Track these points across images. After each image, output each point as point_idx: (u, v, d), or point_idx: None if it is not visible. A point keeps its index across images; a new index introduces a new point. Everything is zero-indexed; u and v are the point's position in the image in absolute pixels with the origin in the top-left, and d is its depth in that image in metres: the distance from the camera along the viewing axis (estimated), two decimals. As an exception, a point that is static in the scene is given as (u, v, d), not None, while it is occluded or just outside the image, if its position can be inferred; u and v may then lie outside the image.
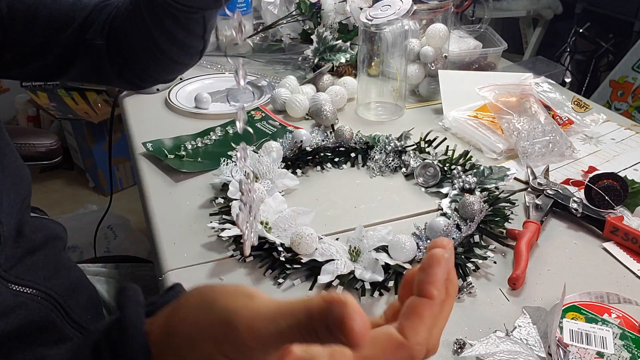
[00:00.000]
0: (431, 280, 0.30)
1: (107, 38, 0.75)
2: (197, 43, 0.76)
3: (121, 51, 0.76)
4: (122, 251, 1.75)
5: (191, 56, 0.79)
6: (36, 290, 0.59)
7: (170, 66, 0.79)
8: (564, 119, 0.98)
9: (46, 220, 0.71)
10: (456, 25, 1.19)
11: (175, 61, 0.78)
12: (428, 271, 0.30)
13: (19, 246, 0.60)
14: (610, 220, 0.71)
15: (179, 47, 0.75)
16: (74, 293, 0.65)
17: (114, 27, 0.75)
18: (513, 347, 0.53)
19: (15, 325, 0.54)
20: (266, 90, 1.12)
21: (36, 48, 0.73)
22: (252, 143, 0.88)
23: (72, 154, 2.39)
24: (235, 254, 0.68)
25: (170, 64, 0.78)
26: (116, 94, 1.14)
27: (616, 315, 0.59)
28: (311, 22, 1.24)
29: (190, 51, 0.77)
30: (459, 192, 0.77)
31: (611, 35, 2.55)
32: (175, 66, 0.80)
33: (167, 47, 0.74)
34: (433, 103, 1.08)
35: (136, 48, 0.75)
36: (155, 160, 0.89)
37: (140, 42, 0.74)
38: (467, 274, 0.64)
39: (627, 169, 0.87)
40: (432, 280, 0.30)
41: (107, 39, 0.75)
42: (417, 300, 0.30)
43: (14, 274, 0.57)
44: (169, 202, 0.79)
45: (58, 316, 0.61)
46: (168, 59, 0.77)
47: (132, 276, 0.92)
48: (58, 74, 0.77)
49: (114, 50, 0.76)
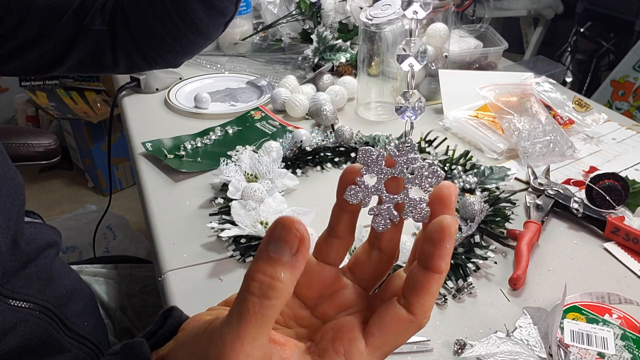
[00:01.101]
0: (442, 255, 0.28)
1: (110, 22, 0.74)
2: (230, 8, 0.73)
3: (132, 33, 0.74)
4: (121, 251, 1.75)
5: (218, 27, 0.75)
6: (32, 304, 0.57)
7: (190, 40, 0.75)
8: (565, 118, 0.98)
9: (40, 225, 0.69)
10: (457, 24, 1.19)
11: (200, 32, 0.74)
12: (439, 245, 0.28)
13: (15, 259, 0.58)
14: (611, 220, 0.70)
15: (210, 14, 0.72)
16: (70, 301, 0.64)
17: (123, 8, 0.73)
18: (514, 347, 0.52)
19: (16, 344, 0.53)
20: (266, 90, 1.12)
21: (31, 39, 0.72)
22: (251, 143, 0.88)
23: (71, 154, 2.39)
24: (235, 254, 0.68)
25: (192, 37, 0.75)
26: (115, 94, 1.13)
27: (617, 316, 0.58)
28: (311, 21, 1.24)
29: (220, 20, 0.74)
30: (459, 192, 0.77)
31: (612, 35, 2.55)
32: (196, 40, 0.76)
33: (197, 14, 0.71)
34: (433, 103, 1.08)
35: (154, 26, 0.73)
36: (154, 160, 0.89)
37: (160, 17, 0.72)
38: (467, 274, 0.64)
39: (628, 169, 0.87)
40: (443, 254, 0.28)
41: (110, 24, 0.74)
42: (426, 275, 0.28)
43: (10, 288, 0.56)
44: (169, 202, 0.79)
45: (55, 328, 0.59)
46: (192, 32, 0.73)
47: (132, 277, 0.91)
48: (54, 65, 0.76)
49: (123, 34, 0.74)
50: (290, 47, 1.25)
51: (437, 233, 0.28)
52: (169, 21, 0.72)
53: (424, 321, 0.29)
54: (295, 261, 0.26)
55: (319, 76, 1.10)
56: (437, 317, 0.60)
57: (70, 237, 1.75)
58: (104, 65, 0.78)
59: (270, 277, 0.26)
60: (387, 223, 0.31)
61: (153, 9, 0.72)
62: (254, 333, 0.26)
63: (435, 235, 0.28)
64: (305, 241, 0.26)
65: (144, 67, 0.81)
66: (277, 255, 0.26)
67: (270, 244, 0.26)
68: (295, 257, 0.26)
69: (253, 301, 0.25)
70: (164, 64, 0.81)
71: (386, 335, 0.29)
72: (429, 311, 0.29)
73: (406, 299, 0.29)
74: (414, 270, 0.29)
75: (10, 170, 0.59)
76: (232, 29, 1.29)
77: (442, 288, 0.63)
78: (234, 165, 0.79)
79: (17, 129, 1.35)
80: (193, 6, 0.70)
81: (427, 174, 0.30)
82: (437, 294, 0.29)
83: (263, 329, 0.26)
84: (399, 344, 0.30)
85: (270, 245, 0.26)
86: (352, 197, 0.30)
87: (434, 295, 0.29)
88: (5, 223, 0.55)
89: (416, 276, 0.29)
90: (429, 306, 0.29)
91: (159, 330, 0.34)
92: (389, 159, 0.31)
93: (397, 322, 0.29)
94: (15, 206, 0.58)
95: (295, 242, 0.26)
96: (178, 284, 0.64)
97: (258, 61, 1.24)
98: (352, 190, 0.30)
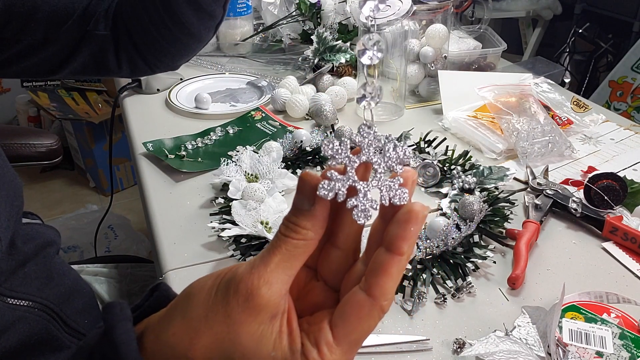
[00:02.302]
0: (405, 237, 0.29)
1: (112, 27, 0.75)
2: (218, 11, 0.75)
3: (132, 38, 0.75)
4: (122, 251, 1.76)
5: (208, 30, 0.77)
6: (32, 302, 0.58)
7: (184, 43, 0.77)
8: (564, 119, 0.98)
9: (37, 226, 0.69)
10: (456, 25, 1.20)
11: (192, 35, 0.76)
12: (404, 226, 0.29)
13: (12, 258, 0.58)
14: (610, 220, 0.71)
15: (199, 17, 0.73)
16: (70, 299, 0.65)
17: (122, 13, 0.74)
18: (512, 346, 0.53)
19: (15, 341, 0.54)
20: (266, 91, 1.12)
21: (35, 43, 0.72)
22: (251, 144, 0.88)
23: (72, 154, 2.40)
24: (236, 253, 0.68)
25: (185, 40, 0.77)
26: (117, 94, 1.14)
27: (615, 315, 0.59)
28: (311, 22, 1.24)
29: (209, 23, 0.76)
30: (458, 192, 0.77)
31: (610, 36, 2.55)
32: (189, 42, 0.78)
33: (187, 18, 0.73)
34: (433, 103, 1.08)
35: (149, 30, 0.74)
36: (155, 160, 0.90)
37: (154, 22, 0.73)
38: (466, 273, 0.64)
39: (626, 169, 0.87)
40: (407, 236, 0.29)
41: (112, 28, 0.75)
42: (386, 257, 0.29)
43: (8, 287, 0.56)
44: (169, 202, 0.79)
45: (55, 326, 0.60)
46: (184, 35, 0.75)
47: (132, 276, 0.92)
48: (58, 68, 0.77)
49: (124, 38, 0.75)
50: (290, 47, 1.26)
51: (404, 215, 0.29)
52: (162, 25, 0.74)
53: (384, 304, 0.29)
54: (314, 210, 0.30)
55: (319, 77, 1.10)
56: (436, 317, 0.60)
57: (72, 237, 1.75)
58: (107, 69, 0.79)
59: (295, 223, 0.30)
60: (368, 213, 0.30)
61: (147, 14, 0.74)
62: (277, 263, 0.30)
63: (401, 217, 0.29)
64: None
65: (145, 70, 0.82)
66: (299, 206, 0.31)
67: (295, 196, 0.31)
68: (314, 207, 0.30)
69: (282, 238, 0.30)
70: (163, 67, 0.83)
71: (349, 323, 0.30)
72: (389, 294, 0.29)
73: (366, 282, 0.30)
74: (377, 254, 0.30)
75: (9, 172, 0.60)
76: (232, 30, 1.29)
77: (442, 287, 0.63)
78: (234, 165, 0.79)
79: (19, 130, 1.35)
80: (182, 10, 0.72)
81: (395, 155, 0.30)
82: (397, 278, 0.29)
83: (287, 264, 0.30)
84: (365, 330, 0.30)
85: (295, 196, 0.31)
86: (326, 192, 0.29)
87: (394, 278, 0.29)
88: (6, 223, 0.56)
89: (377, 258, 0.30)
90: (388, 288, 0.29)
91: (145, 303, 0.36)
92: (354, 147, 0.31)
93: (358, 308, 0.30)
94: (14, 207, 0.59)
95: (311, 195, 0.30)
96: (179, 284, 0.65)
97: (258, 62, 1.25)
98: (324, 184, 0.29)
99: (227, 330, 0.30)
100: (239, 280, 0.30)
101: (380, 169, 0.30)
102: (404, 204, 0.30)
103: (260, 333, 0.30)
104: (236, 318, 0.29)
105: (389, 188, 0.30)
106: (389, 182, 0.30)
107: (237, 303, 0.29)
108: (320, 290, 0.34)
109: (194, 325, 0.31)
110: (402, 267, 0.29)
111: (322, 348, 0.30)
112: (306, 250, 0.30)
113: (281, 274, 0.30)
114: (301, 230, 0.30)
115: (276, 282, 0.29)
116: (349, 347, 0.30)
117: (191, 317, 0.31)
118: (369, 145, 0.30)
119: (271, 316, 0.30)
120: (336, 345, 0.30)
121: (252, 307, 0.29)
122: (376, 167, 0.30)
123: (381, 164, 0.30)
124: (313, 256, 0.34)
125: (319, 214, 0.30)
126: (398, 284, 0.30)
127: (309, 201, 0.30)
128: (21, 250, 0.60)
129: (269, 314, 0.30)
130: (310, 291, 0.34)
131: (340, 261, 0.33)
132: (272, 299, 0.29)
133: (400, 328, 0.58)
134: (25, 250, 0.61)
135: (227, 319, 0.30)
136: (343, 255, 0.33)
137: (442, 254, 0.66)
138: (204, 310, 0.30)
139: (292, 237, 0.30)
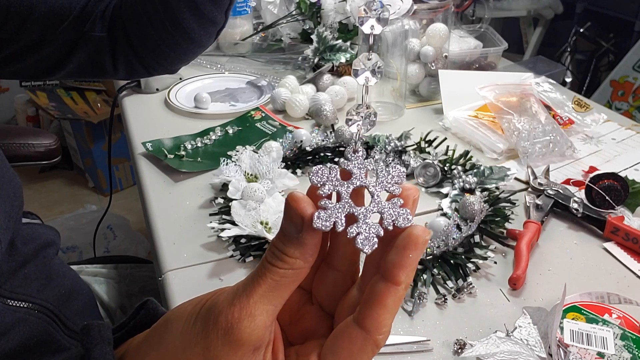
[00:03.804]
0: (403, 265, 0.26)
1: (109, 29, 0.74)
2: (220, 18, 0.75)
3: (130, 40, 0.75)
4: (121, 251, 1.75)
5: (209, 36, 0.77)
6: (31, 304, 0.57)
7: (184, 48, 0.77)
8: (565, 118, 0.98)
9: (37, 226, 0.68)
10: (456, 24, 1.19)
11: (192, 40, 0.75)
12: (402, 253, 0.26)
13: (12, 259, 0.58)
14: (611, 220, 0.70)
15: (201, 23, 0.73)
16: (69, 300, 0.64)
17: (121, 15, 0.74)
18: (513, 347, 0.52)
19: (15, 343, 0.53)
20: (266, 90, 1.12)
21: (31, 44, 0.72)
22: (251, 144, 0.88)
23: (71, 154, 2.39)
24: (235, 254, 0.68)
25: (185, 45, 0.76)
26: (116, 94, 1.14)
27: (617, 316, 0.58)
28: (311, 21, 1.24)
29: (210, 29, 0.76)
30: (459, 192, 0.77)
31: (612, 35, 2.55)
32: (189, 47, 0.78)
33: (189, 24, 0.72)
34: (433, 103, 1.08)
35: (149, 34, 0.74)
36: (154, 160, 0.89)
37: (154, 25, 0.73)
38: (467, 274, 0.64)
39: (628, 169, 0.87)
40: (404, 264, 0.26)
41: (109, 30, 0.74)
42: (382, 286, 0.27)
43: (8, 288, 0.56)
44: (169, 202, 0.79)
45: (54, 327, 0.59)
46: (185, 40, 0.75)
47: (131, 277, 0.91)
48: (54, 69, 0.76)
49: (122, 40, 0.75)
50: (290, 47, 1.25)
51: (402, 240, 0.27)
52: (163, 30, 0.74)
53: (379, 338, 0.27)
54: (302, 238, 0.27)
55: (319, 76, 1.10)
56: (437, 317, 0.60)
57: (71, 237, 1.75)
58: (103, 71, 0.78)
59: (282, 251, 0.27)
60: (373, 240, 0.27)
61: (148, 18, 0.73)
62: (262, 295, 0.27)
63: (399, 243, 0.27)
64: (307, 217, 0.27)
65: (142, 73, 0.82)
66: (287, 232, 0.28)
67: (283, 220, 0.28)
68: (302, 235, 0.27)
69: (267, 267, 0.27)
70: (160, 70, 0.82)
71: (339, 358, 0.28)
72: (384, 327, 0.27)
73: (359, 313, 0.27)
74: (372, 282, 0.27)
75: (8, 172, 0.60)
76: (232, 29, 1.29)
77: (442, 288, 0.63)
78: (234, 165, 0.79)
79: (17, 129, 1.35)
80: (184, 16, 0.72)
81: (388, 176, 0.28)
82: (394, 310, 0.27)
83: (273, 294, 0.27)
84: None
85: (283, 221, 0.28)
86: (323, 223, 0.27)
87: (390, 310, 0.27)
88: (6, 224, 0.55)
89: (373, 288, 0.27)
90: (383, 321, 0.27)
91: (131, 321, 0.34)
92: (344, 172, 0.28)
93: (349, 342, 0.27)
94: (14, 207, 0.58)
95: (298, 221, 0.27)
96: (178, 284, 0.64)
97: (258, 61, 1.25)
98: (320, 215, 0.27)
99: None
100: (218, 312, 0.27)
101: (377, 192, 0.28)
102: (408, 225, 0.27)
103: None
104: (216, 353, 0.27)
105: (390, 210, 0.28)
106: (389, 204, 0.28)
107: (217, 336, 0.27)
108: (314, 315, 0.32)
109: (171, 357, 0.29)
110: (399, 297, 0.27)
111: None
112: (295, 279, 0.28)
113: (266, 305, 0.27)
114: (289, 259, 0.27)
115: (260, 314, 0.27)
116: None
117: (167, 349, 0.29)
118: (359, 169, 0.28)
119: (254, 349, 0.28)
120: None
121: (233, 341, 0.27)
122: (372, 191, 0.28)
123: (377, 187, 0.28)
124: (308, 278, 0.31)
125: (309, 242, 0.27)
126: (394, 316, 0.27)
127: (296, 228, 0.27)
128: (21, 251, 0.60)
129: (251, 347, 0.27)
130: (303, 316, 0.32)
131: (337, 283, 0.31)
132: (254, 333, 0.27)
133: (401, 329, 0.58)
134: (25, 251, 0.60)
135: (206, 353, 0.27)
136: (340, 277, 0.31)
137: (442, 254, 0.66)
138: (181, 342, 0.28)
139: (278, 266, 0.27)
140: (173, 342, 0.29)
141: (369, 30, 0.29)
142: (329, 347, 0.28)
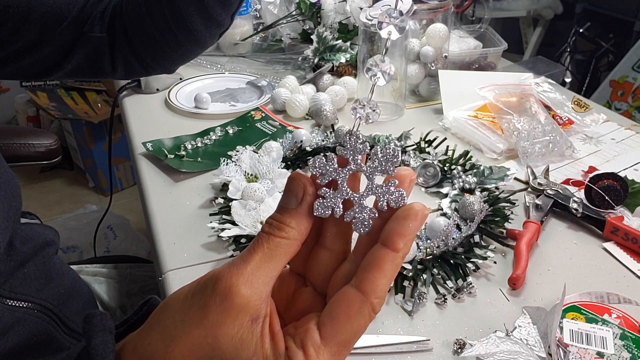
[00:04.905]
0: (403, 233, 0.28)
1: (108, 29, 0.74)
2: (227, 20, 0.75)
3: (130, 40, 0.75)
4: (121, 251, 1.75)
5: (213, 37, 0.77)
6: (31, 303, 0.58)
7: (187, 48, 0.77)
8: (564, 119, 0.98)
9: (36, 226, 0.68)
10: (456, 25, 1.19)
11: (197, 40, 0.75)
12: (402, 222, 0.28)
13: (11, 259, 0.58)
14: (611, 220, 0.71)
15: (207, 24, 0.73)
16: (69, 300, 0.64)
17: (121, 16, 0.74)
18: (513, 347, 0.53)
19: (15, 343, 0.53)
20: (266, 90, 1.12)
21: (30, 44, 0.72)
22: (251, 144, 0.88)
23: (71, 154, 2.39)
24: (235, 254, 0.68)
25: (188, 46, 0.76)
26: (116, 94, 1.14)
27: (616, 316, 0.59)
28: (311, 22, 1.24)
29: (216, 31, 0.76)
30: (459, 192, 0.77)
31: (611, 35, 2.55)
32: (192, 48, 0.78)
33: (195, 25, 0.72)
34: (433, 103, 1.08)
35: (151, 34, 0.74)
36: (155, 160, 0.89)
37: (158, 26, 0.73)
38: (467, 274, 0.64)
39: (627, 169, 0.87)
40: (404, 232, 0.28)
41: (108, 31, 0.74)
42: (381, 252, 0.28)
43: (7, 288, 0.56)
44: (169, 202, 0.79)
45: (54, 327, 0.60)
46: (189, 40, 0.75)
47: (132, 277, 0.92)
48: (53, 69, 0.76)
49: (121, 40, 0.75)
50: (290, 47, 1.25)
51: (403, 211, 0.29)
52: (168, 31, 0.74)
53: (375, 302, 0.28)
54: (300, 208, 0.30)
55: (319, 76, 1.10)
56: (437, 317, 0.60)
57: (71, 237, 1.75)
58: (102, 71, 0.78)
59: (279, 220, 0.30)
60: (368, 223, 0.30)
61: (152, 19, 0.73)
62: (259, 262, 0.29)
63: (400, 214, 0.29)
64: (308, 191, 0.30)
65: (141, 73, 0.82)
66: (285, 204, 0.30)
67: (283, 195, 0.30)
68: (300, 205, 0.30)
69: (264, 236, 0.29)
70: (160, 70, 0.83)
71: (338, 321, 0.28)
72: (381, 291, 0.28)
73: (357, 277, 0.29)
74: (372, 249, 0.29)
75: (6, 172, 0.60)
76: (232, 30, 1.29)
77: (442, 287, 0.63)
78: (234, 165, 0.79)
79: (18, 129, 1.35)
80: (192, 18, 0.72)
81: (382, 157, 0.29)
82: (391, 276, 0.28)
83: (268, 264, 0.29)
84: (355, 330, 0.29)
85: (283, 196, 0.30)
86: (322, 211, 0.30)
87: (387, 275, 0.28)
88: (4, 224, 0.55)
89: (372, 254, 0.29)
90: (380, 285, 0.28)
91: (134, 317, 0.35)
92: (341, 159, 0.30)
93: (347, 304, 0.28)
94: (12, 208, 0.59)
95: (299, 192, 0.30)
96: (178, 284, 0.64)
97: (258, 61, 1.25)
98: (319, 204, 0.30)
99: (205, 333, 0.28)
100: (216, 279, 0.28)
101: (372, 175, 0.30)
102: (403, 205, 0.29)
103: (240, 337, 0.28)
104: (214, 320, 0.28)
105: (384, 192, 0.29)
106: (384, 186, 0.29)
107: (215, 303, 0.28)
108: (309, 296, 0.33)
109: (170, 332, 0.29)
110: (396, 264, 0.28)
111: (308, 350, 0.28)
112: (289, 250, 0.29)
113: (262, 275, 0.28)
114: (285, 227, 0.29)
115: (257, 282, 0.28)
116: (337, 349, 0.29)
117: (167, 324, 0.29)
118: (354, 154, 0.30)
119: (251, 320, 0.28)
120: (324, 346, 0.28)
121: (231, 307, 0.28)
122: (367, 175, 0.30)
123: (372, 170, 0.30)
124: (302, 262, 0.33)
125: (305, 213, 0.30)
126: (391, 282, 0.29)
127: (296, 199, 0.30)
128: (20, 251, 0.60)
129: (248, 316, 0.28)
130: (298, 298, 0.33)
131: (329, 263, 0.32)
132: (252, 300, 0.28)
133: (401, 328, 0.58)
134: (23, 250, 0.60)
135: (204, 321, 0.28)
136: (332, 257, 0.32)
137: (442, 254, 0.66)
138: (180, 315, 0.29)
139: (274, 235, 0.29)
140: (172, 317, 0.29)
141: (386, 35, 0.30)
142: (327, 312, 0.29)
